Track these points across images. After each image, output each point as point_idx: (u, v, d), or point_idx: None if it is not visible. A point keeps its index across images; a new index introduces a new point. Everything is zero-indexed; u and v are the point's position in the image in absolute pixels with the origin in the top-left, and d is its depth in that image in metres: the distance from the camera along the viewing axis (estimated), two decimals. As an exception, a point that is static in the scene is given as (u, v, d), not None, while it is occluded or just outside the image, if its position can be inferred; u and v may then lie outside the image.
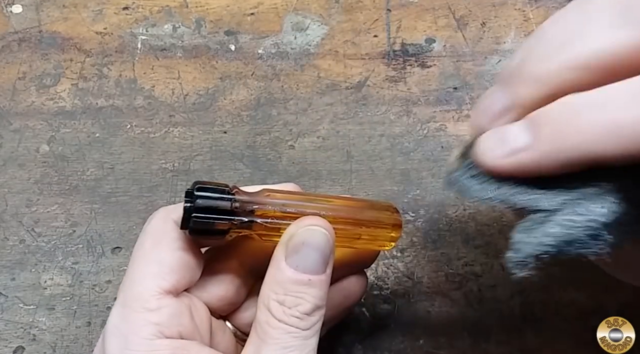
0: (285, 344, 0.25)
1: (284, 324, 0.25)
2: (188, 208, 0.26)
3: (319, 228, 0.26)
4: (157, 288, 0.26)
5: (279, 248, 0.27)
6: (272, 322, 0.25)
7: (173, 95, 0.42)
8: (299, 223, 0.27)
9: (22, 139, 0.40)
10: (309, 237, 0.26)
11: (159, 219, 0.27)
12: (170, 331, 0.26)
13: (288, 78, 0.43)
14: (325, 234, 0.26)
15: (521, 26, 0.44)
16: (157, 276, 0.26)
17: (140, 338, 0.25)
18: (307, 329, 0.26)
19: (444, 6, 0.45)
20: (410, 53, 0.43)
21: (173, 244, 0.27)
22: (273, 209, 0.27)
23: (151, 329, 0.25)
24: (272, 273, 0.26)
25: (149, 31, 0.44)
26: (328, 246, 0.26)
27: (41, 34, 0.44)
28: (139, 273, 0.26)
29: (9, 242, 0.37)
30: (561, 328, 0.35)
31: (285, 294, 0.25)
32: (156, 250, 0.27)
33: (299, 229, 0.26)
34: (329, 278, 0.27)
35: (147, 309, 0.25)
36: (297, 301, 0.25)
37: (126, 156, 0.40)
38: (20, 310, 0.36)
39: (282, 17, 0.45)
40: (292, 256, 0.26)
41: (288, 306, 0.25)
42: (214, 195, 0.26)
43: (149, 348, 0.25)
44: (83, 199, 0.39)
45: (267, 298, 0.26)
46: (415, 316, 0.36)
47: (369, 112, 0.41)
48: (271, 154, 0.40)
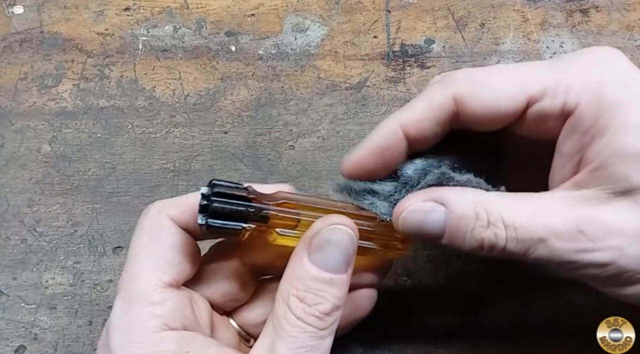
0: (302, 344, 0.25)
1: (302, 323, 0.25)
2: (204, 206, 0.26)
3: (344, 227, 0.27)
4: (158, 281, 0.26)
5: (301, 243, 0.27)
6: (290, 318, 0.25)
7: (174, 95, 0.42)
8: (324, 220, 0.27)
9: (24, 139, 0.41)
10: (333, 236, 0.26)
11: (155, 214, 0.28)
12: (175, 323, 0.26)
13: (288, 79, 0.43)
14: (350, 234, 0.27)
15: (520, 27, 0.44)
16: (157, 269, 0.26)
17: (146, 330, 0.25)
18: (325, 329, 0.26)
19: (443, 7, 0.45)
20: (410, 54, 0.43)
21: (171, 238, 0.27)
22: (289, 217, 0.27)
23: (156, 322, 0.25)
24: (294, 268, 0.26)
25: (150, 32, 0.44)
26: (352, 246, 0.27)
27: (43, 34, 0.44)
28: (139, 267, 0.27)
29: (11, 242, 0.38)
30: (561, 328, 0.35)
31: (306, 290, 0.26)
32: (154, 244, 0.27)
33: (324, 226, 0.27)
34: (349, 278, 0.27)
35: (151, 303, 0.26)
36: (317, 299, 0.26)
37: (127, 156, 0.40)
38: (22, 309, 0.36)
39: (283, 18, 0.45)
40: (315, 253, 0.26)
41: (308, 303, 0.25)
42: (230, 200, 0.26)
43: (154, 340, 0.25)
44: (84, 199, 0.39)
45: (287, 293, 0.26)
46: (415, 315, 0.36)
47: (368, 113, 0.42)
48: (271, 154, 0.40)
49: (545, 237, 0.25)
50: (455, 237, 0.26)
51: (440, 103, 0.27)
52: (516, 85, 0.26)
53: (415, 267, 0.37)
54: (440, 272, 0.37)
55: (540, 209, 0.26)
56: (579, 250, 0.25)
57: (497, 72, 0.28)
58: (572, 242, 0.25)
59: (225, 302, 0.30)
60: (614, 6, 0.45)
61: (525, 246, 0.25)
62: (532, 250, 0.25)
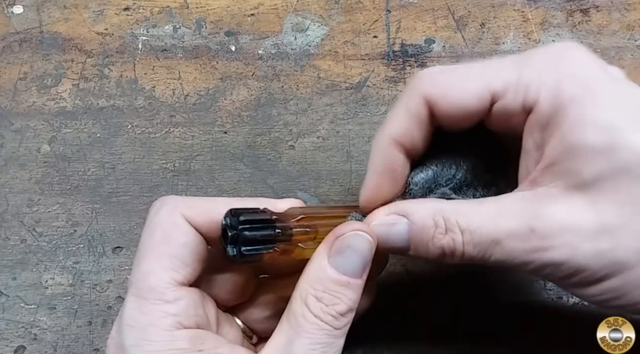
0: (318, 340, 0.26)
1: (319, 321, 0.26)
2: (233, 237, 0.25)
3: (365, 234, 0.27)
4: (171, 280, 0.26)
5: (322, 246, 0.27)
6: (308, 316, 0.26)
7: (174, 95, 0.42)
8: (346, 226, 0.28)
9: (24, 139, 0.41)
10: (354, 242, 0.27)
11: (169, 211, 0.28)
12: (189, 322, 0.26)
13: (288, 78, 0.43)
14: (370, 241, 0.27)
15: (520, 27, 0.44)
16: (170, 268, 0.27)
17: (160, 329, 0.26)
18: (339, 329, 0.27)
19: (443, 7, 0.45)
20: (410, 54, 0.43)
21: (184, 237, 0.27)
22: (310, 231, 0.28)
23: (170, 320, 0.26)
24: (313, 269, 0.27)
25: (150, 32, 0.44)
26: (370, 253, 0.27)
27: (42, 34, 0.44)
28: (151, 265, 0.27)
29: (10, 242, 0.38)
30: (561, 328, 0.35)
31: (324, 291, 0.26)
32: (167, 243, 0.27)
33: (346, 232, 0.27)
34: (364, 283, 0.28)
35: (165, 301, 0.26)
36: (334, 300, 0.26)
37: (127, 156, 0.40)
38: (22, 309, 0.36)
39: (282, 18, 0.45)
40: (335, 256, 0.27)
41: (326, 303, 0.26)
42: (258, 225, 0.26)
43: (168, 338, 0.26)
44: (84, 199, 0.39)
45: (305, 292, 0.27)
46: (415, 315, 0.36)
47: (368, 113, 0.42)
48: (271, 154, 0.40)
49: (499, 239, 0.25)
50: (419, 247, 0.27)
51: (416, 107, 0.27)
52: (481, 83, 0.26)
53: (415, 267, 0.37)
54: (440, 272, 0.37)
55: (495, 211, 0.26)
56: (532, 249, 0.25)
57: (462, 70, 0.28)
58: (525, 242, 0.25)
59: (228, 299, 0.30)
60: (615, 6, 0.45)
61: (482, 249, 0.26)
62: (489, 253, 0.26)
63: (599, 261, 0.24)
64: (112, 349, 0.27)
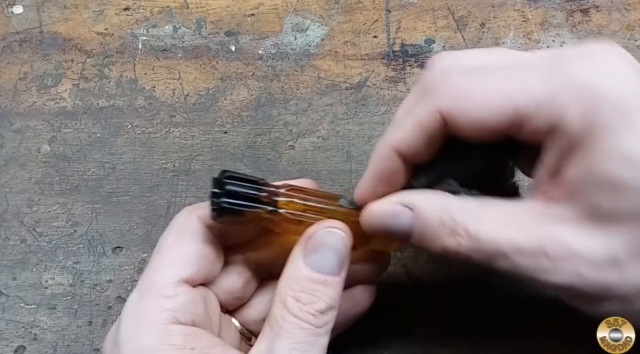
0: (299, 339, 0.26)
1: (298, 320, 0.26)
2: (216, 193, 0.26)
3: (338, 231, 0.28)
4: (175, 276, 0.27)
5: (297, 247, 0.28)
6: (287, 317, 0.26)
7: (174, 95, 0.42)
8: (319, 225, 0.28)
9: (24, 139, 0.41)
10: (327, 239, 0.27)
11: (183, 215, 0.29)
12: (184, 318, 0.26)
13: (288, 78, 0.43)
14: (343, 237, 0.27)
15: (520, 27, 0.44)
16: (176, 265, 0.27)
17: (155, 322, 0.26)
18: (320, 327, 0.26)
19: (443, 7, 0.45)
20: (410, 54, 0.43)
21: (195, 237, 0.28)
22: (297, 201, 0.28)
23: (166, 314, 0.26)
24: (290, 270, 0.27)
25: (150, 32, 0.44)
26: (344, 249, 0.27)
27: (42, 34, 0.44)
28: (159, 262, 0.27)
29: (10, 242, 0.38)
30: (561, 328, 0.35)
31: (302, 291, 0.26)
32: (178, 241, 0.28)
33: (318, 230, 0.27)
34: (343, 280, 0.27)
35: (163, 296, 0.26)
36: (312, 298, 0.26)
37: (127, 156, 0.40)
38: (22, 309, 0.36)
39: (283, 18, 0.45)
40: (310, 255, 0.27)
41: (304, 302, 0.26)
42: (243, 183, 0.27)
43: (162, 332, 0.26)
44: (84, 199, 0.39)
45: (284, 294, 0.27)
46: (415, 315, 0.36)
47: (368, 113, 0.42)
48: (271, 154, 0.40)
49: (507, 252, 0.25)
50: (421, 241, 0.27)
51: (428, 121, 0.26)
52: (506, 101, 0.25)
53: (415, 267, 0.37)
54: (440, 272, 0.37)
55: (506, 220, 0.25)
56: (539, 270, 0.24)
57: (484, 81, 0.26)
58: (533, 260, 0.24)
59: (229, 300, 0.30)
60: (615, 6, 0.45)
61: (486, 257, 0.25)
62: (493, 261, 0.25)
63: (604, 292, 0.24)
64: (109, 339, 0.27)
